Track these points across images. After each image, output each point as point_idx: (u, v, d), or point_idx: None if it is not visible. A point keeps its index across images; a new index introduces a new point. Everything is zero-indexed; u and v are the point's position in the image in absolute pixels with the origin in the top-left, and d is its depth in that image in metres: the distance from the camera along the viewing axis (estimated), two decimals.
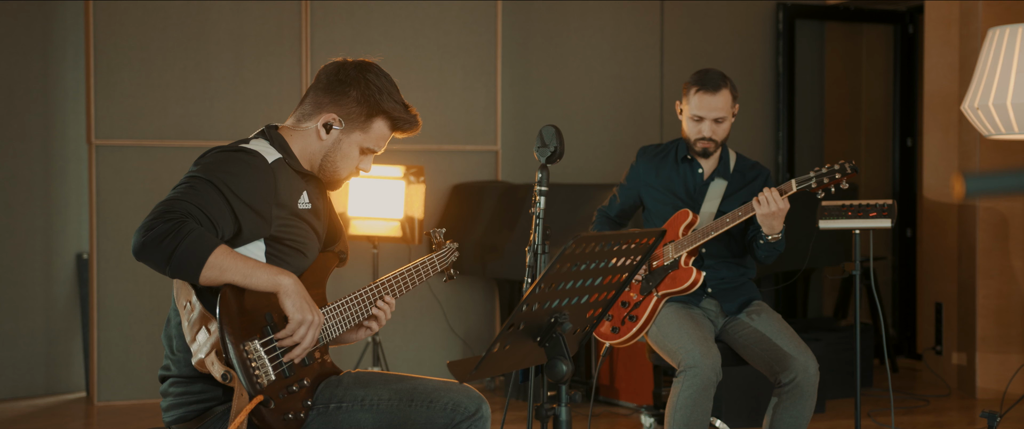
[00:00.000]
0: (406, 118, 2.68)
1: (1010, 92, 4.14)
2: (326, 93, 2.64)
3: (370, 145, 2.67)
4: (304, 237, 2.59)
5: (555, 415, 2.24)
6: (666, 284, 3.71)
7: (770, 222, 3.54)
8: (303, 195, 2.61)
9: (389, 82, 2.68)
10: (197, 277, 2.34)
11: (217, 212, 2.39)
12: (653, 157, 3.92)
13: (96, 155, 5.35)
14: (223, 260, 2.34)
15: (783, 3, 6.70)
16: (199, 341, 2.41)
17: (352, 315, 2.67)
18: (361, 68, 2.67)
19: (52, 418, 5.18)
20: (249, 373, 2.38)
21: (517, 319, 2.14)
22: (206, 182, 2.41)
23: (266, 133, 2.64)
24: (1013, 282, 5.60)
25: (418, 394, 2.59)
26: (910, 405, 5.45)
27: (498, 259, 5.40)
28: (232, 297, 2.38)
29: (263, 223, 2.48)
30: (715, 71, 3.76)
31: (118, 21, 5.35)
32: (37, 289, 5.59)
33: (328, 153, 2.65)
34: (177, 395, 2.53)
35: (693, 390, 3.48)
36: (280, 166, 2.55)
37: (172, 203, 2.35)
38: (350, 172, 2.70)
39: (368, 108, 2.63)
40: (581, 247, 2.15)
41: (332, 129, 2.62)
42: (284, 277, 2.42)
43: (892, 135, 7.07)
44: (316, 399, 2.58)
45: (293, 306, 2.42)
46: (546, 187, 2.91)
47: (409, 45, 5.82)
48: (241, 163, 2.47)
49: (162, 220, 2.31)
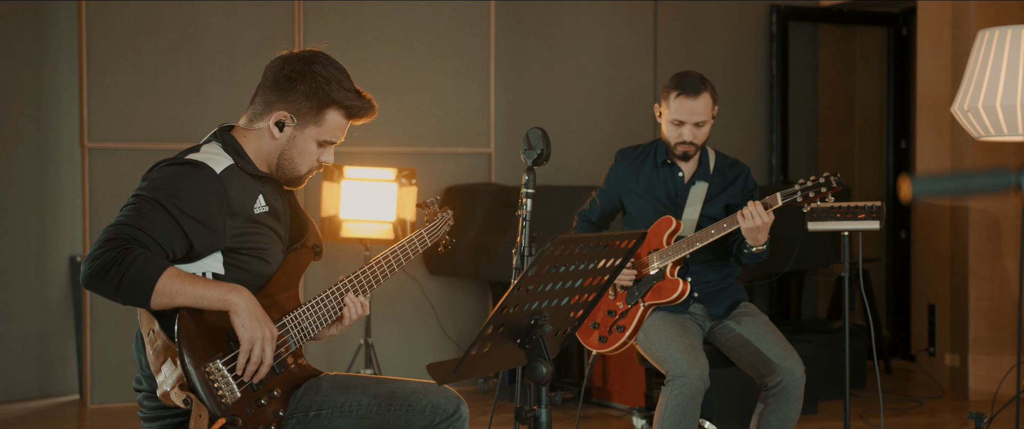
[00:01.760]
0: (359, 104, 2.59)
1: (999, 94, 4.14)
2: (274, 90, 2.56)
3: (327, 137, 2.59)
4: (264, 242, 2.53)
5: (535, 416, 2.24)
6: (652, 295, 3.71)
7: (754, 235, 3.54)
8: (259, 199, 2.54)
9: (338, 70, 2.59)
10: (148, 303, 2.30)
11: (164, 233, 2.34)
12: (632, 160, 3.89)
13: (89, 158, 5.36)
14: (172, 285, 2.30)
15: (776, 5, 6.71)
16: (164, 373, 2.36)
17: (324, 314, 2.61)
18: (306, 60, 2.57)
19: (45, 420, 5.18)
20: (213, 393, 2.34)
21: (496, 321, 2.15)
22: (152, 202, 2.36)
23: (219, 136, 2.58)
24: (1005, 284, 5.60)
25: (397, 398, 2.57)
26: (903, 407, 5.45)
27: (491, 261, 5.40)
28: (190, 318, 2.35)
29: (215, 236, 2.43)
30: (695, 74, 3.74)
31: (111, 24, 5.36)
32: (30, 292, 5.60)
33: (284, 152, 2.57)
34: (151, 409, 2.50)
35: (681, 399, 3.48)
36: (231, 174, 2.48)
37: (117, 229, 2.30)
38: (310, 167, 2.61)
39: (318, 101, 2.54)
40: (560, 249, 2.15)
41: (285, 127, 2.55)
42: (234, 295, 2.37)
43: (886, 137, 7.07)
44: (294, 407, 2.54)
45: (242, 325, 2.37)
46: (533, 189, 2.91)
47: (402, 47, 5.82)
48: (187, 177, 2.41)
49: (107, 248, 2.27)
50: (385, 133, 5.79)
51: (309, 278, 5.63)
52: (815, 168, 7.05)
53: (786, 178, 6.80)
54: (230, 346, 2.41)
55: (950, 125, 5.74)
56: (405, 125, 5.85)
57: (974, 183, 1.08)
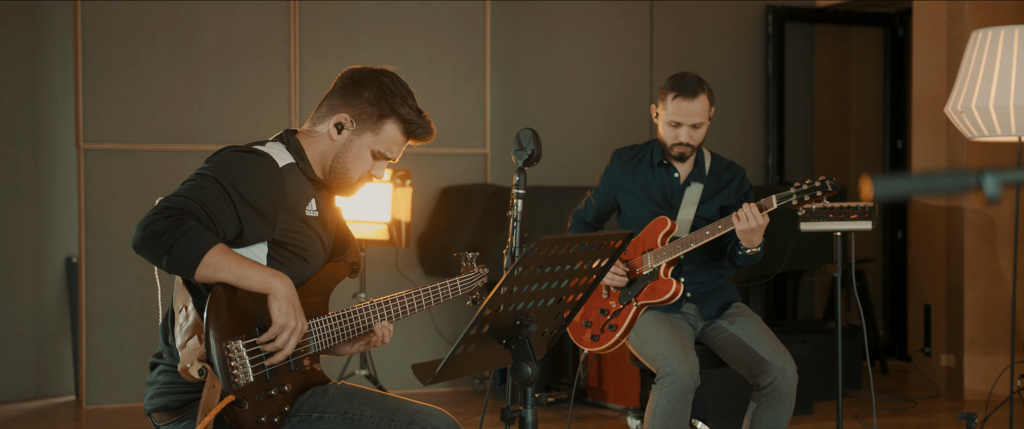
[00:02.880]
0: (419, 123, 2.67)
1: (993, 94, 4.15)
2: (340, 95, 2.65)
3: (381, 149, 2.65)
4: (308, 244, 2.59)
5: (521, 417, 2.25)
6: (645, 294, 3.71)
7: (749, 237, 3.54)
8: (311, 202, 2.61)
9: (404, 88, 2.68)
10: (193, 273, 2.36)
11: (220, 211, 2.41)
12: (628, 160, 3.90)
13: (85, 159, 5.36)
14: (219, 259, 2.36)
15: (772, 5, 6.71)
16: (189, 348, 2.42)
17: (349, 329, 2.65)
18: (377, 72, 2.67)
19: (41, 421, 5.19)
20: (228, 371, 2.39)
21: (480, 321, 2.15)
22: (213, 180, 2.43)
23: (284, 137, 2.65)
24: (1001, 284, 5.61)
25: (399, 415, 2.59)
26: (898, 407, 5.45)
27: (486, 262, 5.40)
28: (224, 295, 2.40)
29: (267, 226, 2.49)
30: (692, 75, 3.74)
31: (106, 25, 5.36)
32: (26, 293, 5.60)
33: (339, 154, 2.64)
34: (164, 383, 2.54)
35: (671, 397, 3.49)
36: (291, 170, 2.56)
37: (175, 199, 2.37)
38: (361, 175, 2.67)
39: (380, 109, 2.62)
40: (544, 250, 2.16)
41: (343, 130, 2.62)
42: (277, 280, 2.43)
43: (882, 137, 7.08)
44: (299, 406, 2.58)
45: (278, 310, 2.43)
46: (524, 190, 2.91)
47: (398, 48, 5.83)
48: (250, 164, 2.49)
49: (163, 216, 2.33)
50: None
51: None
52: (811, 169, 7.05)
53: (782, 179, 6.80)
54: (255, 331, 2.46)
55: (946, 125, 5.74)
56: None
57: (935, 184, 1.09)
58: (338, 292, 5.26)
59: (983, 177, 1.08)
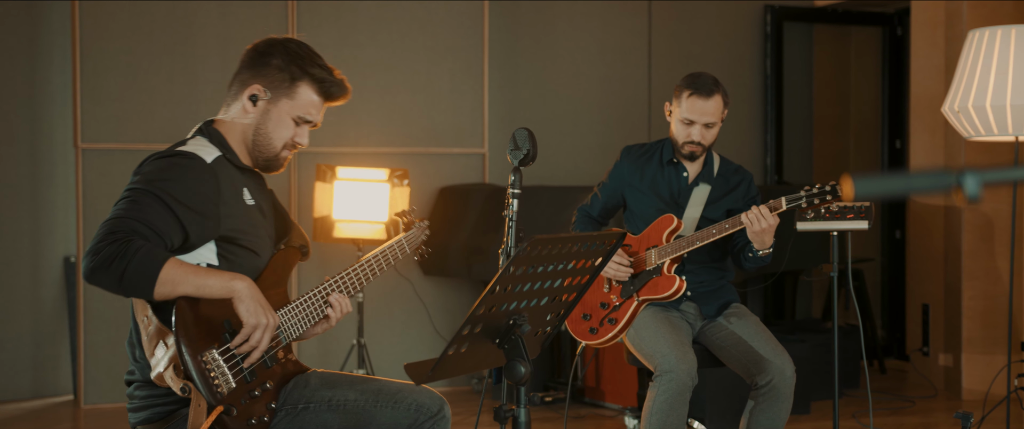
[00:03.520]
0: (333, 81, 2.63)
1: (989, 94, 4.15)
2: (248, 69, 2.62)
3: (301, 114, 2.62)
4: (254, 234, 2.58)
5: (514, 416, 2.25)
6: (648, 290, 3.72)
7: (761, 238, 3.55)
8: (244, 192, 2.60)
9: (311, 51, 2.64)
10: (151, 294, 2.33)
11: (162, 223, 2.37)
12: (638, 157, 3.91)
13: (83, 158, 5.37)
14: (174, 274, 2.33)
15: (771, 5, 6.71)
16: (157, 355, 2.41)
17: (314, 312, 2.67)
18: (282, 40, 2.64)
19: (39, 421, 5.19)
20: (209, 383, 2.37)
21: (473, 321, 2.15)
22: (147, 194, 2.39)
23: (204, 130, 2.63)
24: (998, 283, 5.60)
25: (383, 395, 2.61)
26: (896, 406, 5.45)
27: (484, 261, 5.40)
28: (188, 308, 2.38)
29: (210, 225, 2.47)
30: (708, 75, 3.76)
31: (104, 24, 5.37)
32: (24, 292, 5.61)
33: (259, 126, 2.62)
34: (142, 398, 2.54)
35: (668, 395, 3.49)
36: (220, 164, 2.53)
37: (116, 222, 2.33)
38: (285, 143, 2.64)
39: (291, 73, 2.59)
40: (536, 249, 2.16)
41: (258, 101, 2.60)
42: (238, 282, 2.42)
43: (881, 137, 7.07)
44: (284, 400, 2.59)
45: (246, 311, 2.42)
46: (519, 190, 2.91)
47: (396, 47, 5.83)
48: (179, 168, 2.46)
49: (108, 241, 2.29)
50: (378, 133, 5.80)
51: (302, 278, 5.65)
52: (810, 168, 7.05)
53: (781, 178, 6.80)
54: (226, 337, 2.45)
55: (944, 125, 5.74)
56: (399, 125, 5.85)
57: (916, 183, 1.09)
58: None
59: (964, 177, 1.08)
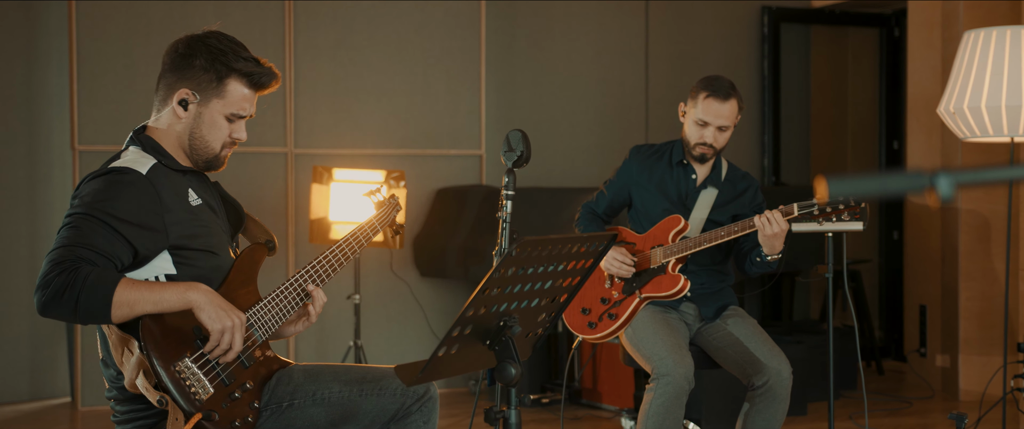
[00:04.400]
0: (261, 71, 2.57)
1: (985, 95, 4.15)
2: (173, 72, 2.54)
3: (233, 110, 2.56)
4: (207, 235, 2.53)
5: (504, 418, 2.25)
6: (651, 288, 3.73)
7: (772, 242, 3.56)
8: (189, 192, 2.54)
9: (233, 42, 2.57)
10: (108, 318, 2.28)
11: (107, 245, 2.32)
12: (647, 157, 3.92)
13: (80, 160, 5.37)
14: (129, 295, 2.28)
15: (768, 6, 6.71)
16: (127, 365, 2.38)
17: (286, 306, 2.62)
18: (201, 36, 2.56)
19: (37, 423, 5.19)
20: (185, 392, 2.34)
21: (463, 323, 2.15)
22: (87, 218, 2.33)
23: (136, 139, 2.56)
24: (995, 284, 5.60)
25: (367, 383, 2.58)
26: (893, 407, 5.45)
27: (480, 263, 5.40)
28: (152, 323, 2.34)
29: (158, 237, 2.42)
30: (726, 79, 3.76)
31: (102, 26, 5.37)
32: (21, 294, 5.60)
33: (193, 130, 2.54)
34: (124, 413, 2.51)
35: (665, 398, 3.49)
36: (157, 173, 2.47)
37: (62, 252, 2.28)
38: (223, 143, 2.59)
39: (217, 71, 2.52)
40: (526, 251, 2.16)
41: (189, 105, 2.52)
42: (192, 292, 2.36)
43: (878, 138, 7.08)
44: (269, 397, 2.56)
45: (208, 318, 2.36)
46: (513, 191, 2.92)
47: (393, 49, 5.83)
48: (116, 186, 2.39)
49: (56, 272, 2.24)
50: (375, 135, 5.81)
51: None
52: (807, 170, 7.05)
53: (778, 180, 6.81)
54: (197, 344, 2.41)
55: (941, 126, 5.74)
56: (396, 127, 5.86)
57: (890, 184, 1.09)
58: (339, 289, 5.27)
59: (937, 178, 1.09)
